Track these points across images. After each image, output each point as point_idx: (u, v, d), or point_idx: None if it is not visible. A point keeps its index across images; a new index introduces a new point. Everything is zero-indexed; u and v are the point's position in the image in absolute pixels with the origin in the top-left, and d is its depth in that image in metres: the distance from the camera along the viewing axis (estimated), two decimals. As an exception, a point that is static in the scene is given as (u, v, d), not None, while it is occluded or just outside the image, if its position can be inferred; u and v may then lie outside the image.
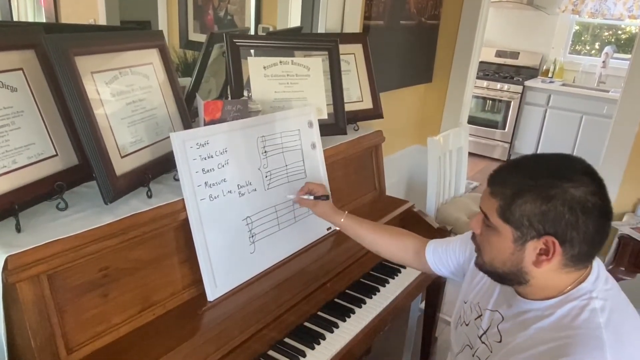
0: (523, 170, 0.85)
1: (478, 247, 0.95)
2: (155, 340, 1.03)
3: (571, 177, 0.80)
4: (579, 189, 0.79)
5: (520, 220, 0.82)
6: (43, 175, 1.00)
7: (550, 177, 0.81)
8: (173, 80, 1.26)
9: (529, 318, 0.88)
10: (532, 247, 0.84)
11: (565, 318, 0.84)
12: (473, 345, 1.02)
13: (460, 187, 2.57)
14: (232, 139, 1.22)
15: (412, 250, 1.26)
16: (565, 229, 0.80)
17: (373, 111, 1.90)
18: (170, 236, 1.13)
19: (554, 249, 0.82)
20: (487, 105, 5.06)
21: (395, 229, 1.36)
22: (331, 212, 1.33)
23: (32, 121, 0.99)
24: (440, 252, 1.21)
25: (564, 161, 0.84)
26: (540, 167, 0.85)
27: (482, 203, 0.90)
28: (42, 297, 0.90)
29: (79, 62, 1.00)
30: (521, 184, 0.83)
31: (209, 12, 2.33)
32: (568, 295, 0.86)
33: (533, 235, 0.83)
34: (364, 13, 2.26)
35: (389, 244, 1.29)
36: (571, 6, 4.74)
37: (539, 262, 0.84)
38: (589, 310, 0.83)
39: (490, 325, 0.97)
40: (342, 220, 1.31)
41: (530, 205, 0.81)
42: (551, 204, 0.79)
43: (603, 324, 0.81)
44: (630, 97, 2.48)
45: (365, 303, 1.46)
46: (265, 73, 1.51)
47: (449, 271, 1.21)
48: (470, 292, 1.09)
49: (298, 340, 1.27)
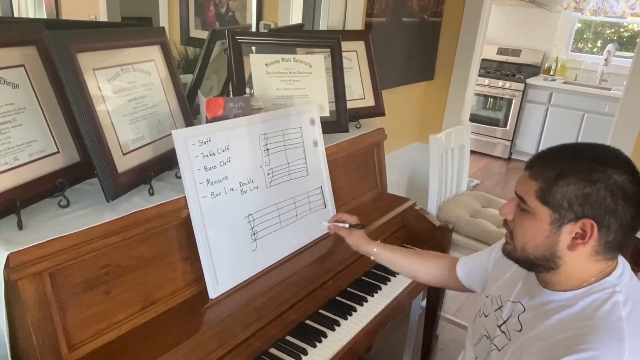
0: (566, 155, 0.86)
1: (510, 233, 0.94)
2: (157, 338, 1.03)
3: (614, 163, 0.82)
4: (622, 175, 0.80)
5: (560, 202, 0.83)
6: (45, 172, 1.00)
7: (594, 162, 0.82)
8: (175, 77, 1.26)
9: (552, 308, 0.88)
10: (568, 230, 0.84)
11: (587, 309, 0.84)
12: (491, 335, 1.02)
13: (462, 185, 2.56)
14: (234, 137, 1.22)
15: (447, 271, 1.28)
16: (605, 213, 0.81)
17: (375, 109, 1.90)
18: (172, 234, 1.13)
19: (591, 233, 0.82)
20: (488, 103, 5.05)
21: (426, 252, 1.40)
22: (364, 241, 1.36)
23: (33, 118, 0.99)
24: (469, 265, 1.23)
25: (605, 149, 0.86)
26: (583, 152, 0.86)
27: (519, 187, 0.90)
28: (44, 295, 0.90)
29: (81, 58, 0.99)
30: (565, 167, 0.83)
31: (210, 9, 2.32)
32: (592, 288, 0.86)
33: (571, 218, 0.83)
34: (366, 10, 2.26)
35: (425, 267, 1.32)
36: (573, 4, 4.73)
37: (574, 246, 0.84)
38: (612, 303, 0.83)
39: (511, 316, 0.97)
40: (375, 249, 1.34)
41: (572, 187, 0.82)
42: (595, 187, 0.80)
43: (625, 317, 0.81)
44: (632, 95, 2.48)
45: (367, 301, 1.46)
46: (267, 70, 1.50)
47: (476, 283, 1.22)
48: (493, 286, 1.09)
49: (300, 338, 1.27)
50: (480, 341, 1.06)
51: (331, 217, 1.43)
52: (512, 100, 4.87)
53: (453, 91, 3.00)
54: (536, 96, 4.81)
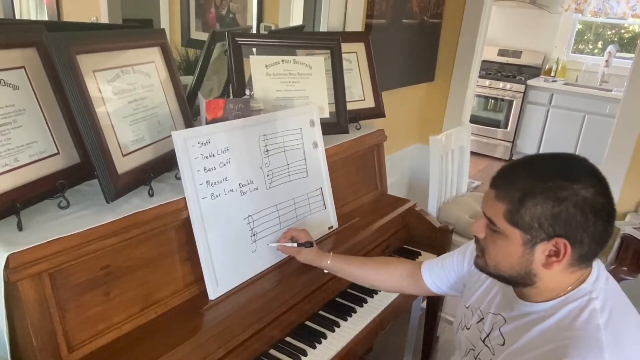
0: (529, 172, 0.84)
1: (482, 251, 0.93)
2: (157, 339, 1.03)
3: (579, 178, 0.80)
4: (589, 190, 0.79)
5: (530, 224, 0.82)
6: (45, 173, 1.00)
7: (559, 179, 0.80)
8: (175, 79, 1.26)
9: (531, 320, 0.88)
10: (542, 249, 0.83)
11: (565, 319, 0.84)
12: (475, 348, 1.02)
13: (462, 186, 2.56)
14: (234, 138, 1.22)
15: (406, 276, 1.26)
16: (576, 230, 0.80)
17: (375, 110, 1.90)
18: (172, 235, 1.13)
19: (565, 250, 0.81)
20: (489, 104, 5.05)
21: (382, 259, 1.36)
22: (315, 257, 1.29)
23: (34, 119, 0.99)
24: (437, 269, 1.21)
25: (569, 162, 0.84)
26: (546, 168, 0.84)
27: (486, 208, 0.88)
28: (44, 296, 0.90)
29: (81, 60, 1.00)
30: (530, 187, 0.81)
31: (211, 11, 2.32)
32: (569, 297, 0.86)
33: (543, 238, 0.82)
34: (366, 11, 2.26)
35: (382, 275, 1.28)
36: (574, 5, 4.73)
37: (549, 264, 0.84)
38: (589, 311, 0.83)
39: (493, 328, 0.97)
40: (328, 262, 1.28)
41: (540, 208, 0.80)
42: (563, 206, 0.79)
43: (602, 325, 0.81)
44: (633, 96, 2.48)
45: (367, 302, 1.45)
46: (267, 72, 1.50)
47: (448, 286, 1.20)
48: (471, 297, 1.09)
49: (299, 339, 1.27)
50: (467, 354, 1.06)
51: (280, 236, 1.31)
52: (513, 101, 4.87)
53: (453, 92, 3.00)
54: (537, 97, 4.81)
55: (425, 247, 1.76)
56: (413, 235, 1.79)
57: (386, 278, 1.28)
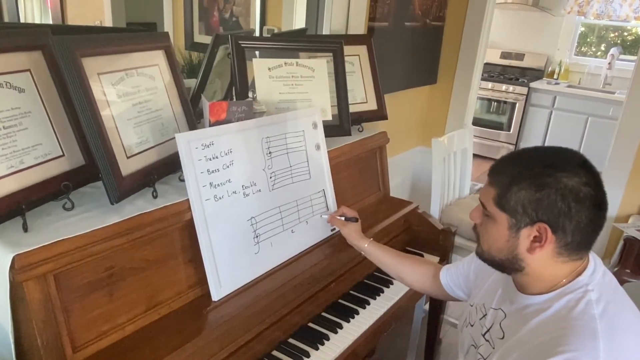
0: (520, 161, 0.90)
1: (478, 237, 0.97)
2: (160, 340, 1.04)
3: (565, 167, 0.83)
4: (572, 179, 0.82)
5: (515, 208, 0.86)
6: (50, 175, 1.01)
7: (545, 167, 0.84)
8: (178, 82, 1.27)
9: (529, 312, 0.90)
10: (526, 234, 0.87)
11: (562, 310, 0.86)
12: (477, 344, 1.03)
13: (464, 188, 2.56)
14: (237, 140, 1.23)
15: (431, 277, 1.30)
16: (558, 216, 0.83)
17: (377, 112, 1.90)
18: (176, 236, 1.14)
19: (546, 236, 0.84)
20: (492, 107, 5.05)
21: (414, 257, 1.41)
22: (357, 235, 1.39)
23: (39, 122, 1.00)
24: (452, 272, 1.24)
25: (560, 153, 0.88)
26: (536, 157, 0.88)
27: (481, 193, 0.94)
28: (49, 296, 0.91)
29: (86, 63, 1.01)
30: (517, 173, 0.86)
31: (214, 14, 2.34)
32: (565, 289, 0.88)
33: (527, 222, 0.86)
34: (368, 14, 2.27)
35: (411, 272, 1.34)
36: (577, 7, 4.73)
37: (532, 249, 0.87)
38: (585, 302, 0.85)
39: (494, 323, 0.98)
40: (366, 245, 1.37)
41: (524, 193, 0.85)
42: (544, 192, 0.83)
43: (598, 315, 0.82)
44: (636, 98, 2.47)
45: (370, 304, 1.46)
46: (270, 74, 1.51)
47: (462, 291, 1.23)
48: (477, 295, 1.11)
49: (302, 341, 1.27)
50: (468, 351, 1.07)
51: (333, 212, 1.46)
52: (516, 104, 4.87)
53: (456, 95, 3.00)
54: (540, 100, 4.80)
55: (428, 249, 1.77)
56: (416, 237, 1.79)
57: (416, 277, 1.33)
